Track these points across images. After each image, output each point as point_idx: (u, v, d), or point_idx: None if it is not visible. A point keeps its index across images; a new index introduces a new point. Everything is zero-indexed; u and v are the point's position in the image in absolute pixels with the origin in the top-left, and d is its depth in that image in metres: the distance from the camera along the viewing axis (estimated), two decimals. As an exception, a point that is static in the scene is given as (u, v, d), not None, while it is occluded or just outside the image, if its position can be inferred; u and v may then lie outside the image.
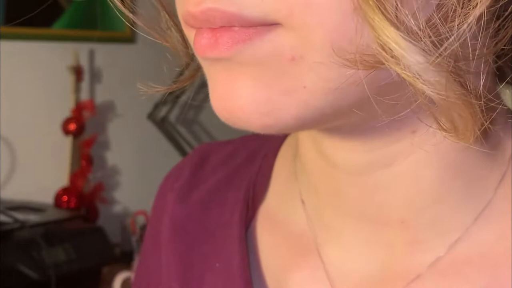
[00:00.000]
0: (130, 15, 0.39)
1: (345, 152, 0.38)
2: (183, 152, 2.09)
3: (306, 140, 0.42)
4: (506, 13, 0.31)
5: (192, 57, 0.41)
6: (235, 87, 0.32)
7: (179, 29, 0.40)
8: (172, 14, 0.40)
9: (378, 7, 0.28)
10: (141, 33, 0.41)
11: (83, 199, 1.83)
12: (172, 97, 2.03)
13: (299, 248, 0.43)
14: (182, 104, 2.17)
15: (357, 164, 0.38)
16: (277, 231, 0.45)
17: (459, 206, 0.38)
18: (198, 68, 0.41)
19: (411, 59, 0.28)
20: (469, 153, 0.37)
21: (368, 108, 0.32)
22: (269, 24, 0.30)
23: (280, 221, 0.45)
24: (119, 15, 0.39)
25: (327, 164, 0.40)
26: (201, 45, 0.32)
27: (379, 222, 0.39)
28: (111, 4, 0.39)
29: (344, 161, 0.38)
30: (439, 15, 0.29)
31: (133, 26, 0.40)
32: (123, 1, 0.39)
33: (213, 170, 0.51)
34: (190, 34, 0.34)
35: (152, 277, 0.51)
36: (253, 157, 0.50)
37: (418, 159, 0.37)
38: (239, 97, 0.32)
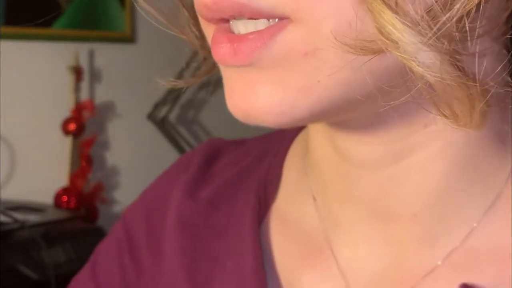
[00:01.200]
0: (152, 11, 0.40)
1: (358, 145, 0.39)
2: (183, 152, 2.09)
3: (319, 136, 0.42)
4: None
5: (209, 52, 0.42)
6: (252, 90, 0.33)
7: (196, 24, 0.41)
8: (190, 9, 0.41)
9: None
10: (160, 27, 0.41)
11: (83, 199, 1.83)
12: (172, 97, 2.03)
13: (311, 246, 0.44)
14: (182, 104, 2.17)
15: (370, 157, 0.38)
16: (289, 229, 0.45)
17: (469, 199, 0.38)
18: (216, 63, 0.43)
19: (406, 41, 0.29)
20: (480, 148, 0.38)
21: (376, 98, 0.33)
22: (278, 18, 0.32)
23: (292, 219, 0.46)
24: (142, 12, 0.40)
25: (339, 158, 0.40)
26: (220, 54, 0.34)
27: (390, 217, 0.40)
28: (133, 2, 0.40)
29: (357, 154, 0.39)
30: (438, 2, 0.30)
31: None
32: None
33: (223, 169, 0.51)
34: (207, 29, 0.36)
35: (145, 268, 0.50)
36: (263, 156, 0.50)
37: (430, 153, 0.37)
38: (256, 100, 0.33)
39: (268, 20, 0.32)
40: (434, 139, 0.37)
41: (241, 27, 0.33)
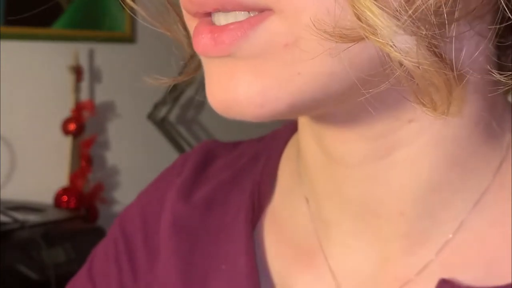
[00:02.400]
0: (140, 10, 0.40)
1: (343, 143, 0.38)
2: (183, 152, 2.09)
3: (306, 135, 0.42)
4: None
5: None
6: (231, 81, 0.33)
7: (183, 23, 0.41)
8: (177, 8, 0.41)
9: None
10: (149, 26, 0.41)
11: (83, 199, 1.83)
12: (172, 97, 2.03)
13: (303, 247, 0.44)
14: (182, 104, 2.17)
15: (355, 155, 0.38)
16: (282, 231, 0.45)
17: (457, 195, 0.38)
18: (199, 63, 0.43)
19: (383, 25, 0.29)
20: (467, 143, 0.37)
21: (357, 89, 0.33)
22: (261, 10, 0.32)
23: (285, 220, 0.46)
24: (128, 11, 0.40)
25: (325, 157, 0.40)
26: (201, 45, 0.34)
27: (377, 215, 0.39)
28: (120, 1, 0.40)
29: (343, 152, 0.39)
30: None
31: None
32: None
33: (217, 171, 0.51)
34: (191, 24, 0.36)
35: (143, 262, 0.50)
36: (256, 159, 0.50)
37: (416, 149, 0.37)
38: (234, 90, 0.33)
39: (249, 13, 0.32)
40: (419, 135, 0.37)
41: (222, 18, 0.33)
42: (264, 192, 0.47)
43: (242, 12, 0.33)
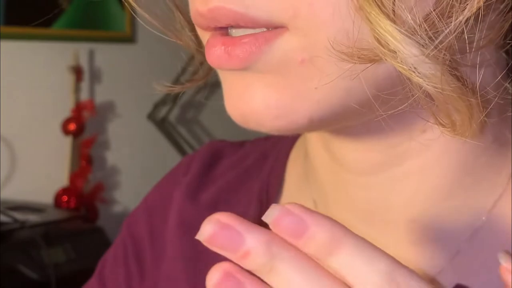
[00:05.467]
0: (147, 16, 0.40)
1: (355, 152, 0.38)
2: (183, 152, 2.09)
3: (315, 141, 0.42)
4: (502, 6, 0.32)
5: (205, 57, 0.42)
6: (248, 93, 0.33)
7: (192, 29, 0.41)
8: (186, 14, 0.41)
9: (375, 1, 0.29)
10: (156, 32, 0.41)
11: (83, 199, 1.83)
12: (172, 97, 2.03)
13: None
14: (182, 104, 2.17)
15: (367, 164, 0.38)
16: None
17: (469, 203, 0.38)
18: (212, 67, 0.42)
19: (406, 52, 0.29)
20: (479, 152, 0.37)
21: (374, 106, 0.32)
22: (275, 27, 0.31)
23: None
24: (132, 13, 0.40)
25: (335, 164, 0.40)
26: (214, 57, 0.33)
27: (388, 221, 0.39)
28: (127, 5, 0.39)
29: (354, 161, 0.38)
30: (436, 10, 0.29)
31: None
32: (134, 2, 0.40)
33: (223, 172, 0.51)
34: (202, 34, 0.35)
35: (149, 261, 0.50)
36: (263, 159, 0.50)
37: (428, 158, 0.37)
38: (252, 102, 0.33)
39: (263, 29, 0.32)
40: (431, 145, 0.37)
41: (234, 30, 0.33)
42: (272, 193, 0.47)
43: (259, 35, 0.32)
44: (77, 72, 1.85)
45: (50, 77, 1.85)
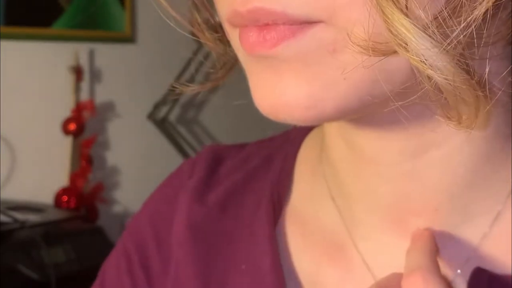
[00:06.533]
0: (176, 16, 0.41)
1: (376, 142, 0.39)
2: (183, 152, 2.09)
3: (334, 135, 0.42)
4: None
5: (229, 55, 0.43)
6: (279, 84, 0.33)
7: (215, 29, 0.42)
8: (211, 14, 0.42)
9: None
10: (151, 26, 0.41)
11: (83, 199, 1.83)
12: (172, 97, 2.03)
13: (333, 244, 0.44)
14: (182, 104, 2.17)
15: (390, 154, 0.39)
16: (308, 229, 0.46)
17: (489, 190, 0.39)
18: (232, 66, 0.43)
19: (420, 45, 0.29)
20: (495, 140, 0.39)
21: (390, 97, 0.33)
22: (312, 23, 0.32)
23: (309, 219, 0.46)
24: (178, 18, 0.40)
25: (355, 157, 0.41)
26: (249, 42, 0.34)
27: (412, 212, 0.40)
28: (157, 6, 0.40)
29: (375, 152, 0.39)
30: (447, 8, 0.30)
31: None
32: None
33: (227, 173, 0.51)
34: (232, 32, 0.36)
35: (157, 267, 0.50)
36: (269, 160, 0.50)
37: (451, 147, 0.38)
38: (283, 94, 0.33)
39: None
40: (454, 133, 0.37)
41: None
42: (283, 193, 0.48)
43: (294, 25, 0.33)
44: (77, 72, 1.86)
45: (50, 77, 1.85)
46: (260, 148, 0.52)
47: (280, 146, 0.51)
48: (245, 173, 0.50)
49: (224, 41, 0.42)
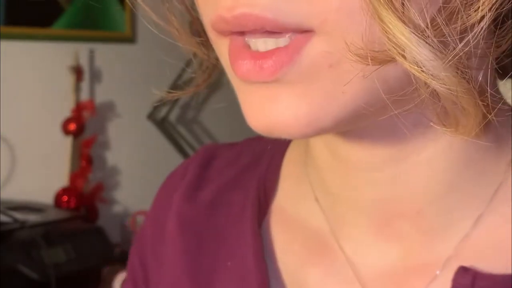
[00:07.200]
0: (155, 19, 0.40)
1: (360, 151, 0.39)
2: (183, 152, 2.09)
3: (318, 143, 0.42)
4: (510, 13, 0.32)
5: (215, 63, 0.42)
6: (276, 105, 0.33)
7: (199, 34, 0.41)
8: (196, 19, 0.41)
9: (387, 3, 0.29)
10: (156, 32, 0.41)
11: (83, 199, 1.83)
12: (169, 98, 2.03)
13: (316, 244, 0.44)
14: (182, 104, 2.17)
15: (372, 161, 0.39)
16: (291, 228, 0.46)
17: (472, 193, 0.39)
18: (212, 71, 0.43)
19: (421, 55, 0.29)
20: (478, 146, 0.38)
21: (388, 106, 0.33)
22: (302, 31, 0.31)
23: (294, 218, 0.46)
24: (140, 17, 0.40)
25: (340, 163, 0.41)
26: (243, 71, 0.33)
27: (395, 214, 0.40)
28: (130, 6, 0.39)
29: (359, 159, 0.39)
30: (443, 16, 0.30)
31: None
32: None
33: (219, 172, 0.52)
34: (218, 42, 0.35)
35: (153, 272, 0.51)
36: (259, 158, 0.50)
37: (433, 152, 0.38)
38: (280, 113, 0.33)
39: (287, 36, 0.32)
40: (436, 139, 0.38)
41: (261, 45, 0.32)
42: (269, 191, 0.48)
43: (282, 39, 0.32)
44: (77, 72, 1.85)
45: (50, 77, 1.85)
46: (251, 146, 0.53)
47: (269, 144, 0.51)
48: (235, 171, 0.51)
49: (207, 45, 0.41)
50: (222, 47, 0.35)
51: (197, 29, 0.41)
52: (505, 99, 0.36)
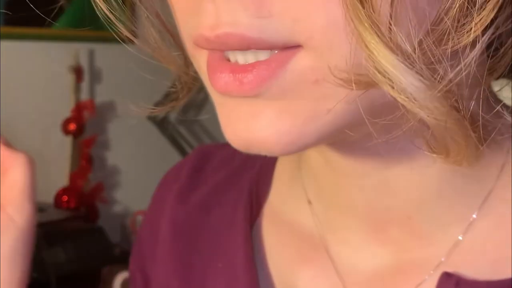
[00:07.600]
0: (133, 38, 0.39)
1: (348, 160, 0.39)
2: (183, 152, 2.09)
3: (311, 149, 0.42)
4: (509, 41, 0.32)
5: (193, 77, 0.42)
6: (257, 121, 0.31)
7: (180, 48, 0.40)
8: (175, 34, 0.40)
9: (372, 28, 0.28)
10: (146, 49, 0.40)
11: (83, 199, 1.83)
12: (172, 97, 2.03)
13: (307, 247, 0.44)
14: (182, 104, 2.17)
15: (363, 168, 0.39)
16: (283, 231, 0.46)
17: (461, 200, 0.39)
18: (192, 85, 0.42)
19: (408, 84, 0.28)
20: None
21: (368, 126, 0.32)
22: (289, 47, 0.30)
23: (286, 220, 0.46)
24: (122, 32, 0.39)
25: (331, 169, 0.40)
26: (221, 84, 0.31)
27: (386, 220, 0.40)
28: (111, 28, 0.38)
29: (350, 166, 0.39)
30: (433, 39, 0.29)
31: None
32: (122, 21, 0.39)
33: (212, 173, 0.51)
34: (196, 54, 0.34)
35: (148, 272, 0.51)
36: (251, 159, 0.50)
37: (423, 159, 0.37)
38: (260, 131, 0.31)
39: (271, 50, 0.30)
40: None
41: (240, 57, 0.31)
42: (261, 192, 0.48)
43: (261, 53, 0.31)
44: (77, 72, 1.85)
45: (50, 77, 1.85)
46: None
47: None
48: (227, 173, 0.50)
49: (185, 60, 0.40)
50: (200, 59, 0.34)
51: (174, 43, 0.40)
52: (504, 115, 0.35)
